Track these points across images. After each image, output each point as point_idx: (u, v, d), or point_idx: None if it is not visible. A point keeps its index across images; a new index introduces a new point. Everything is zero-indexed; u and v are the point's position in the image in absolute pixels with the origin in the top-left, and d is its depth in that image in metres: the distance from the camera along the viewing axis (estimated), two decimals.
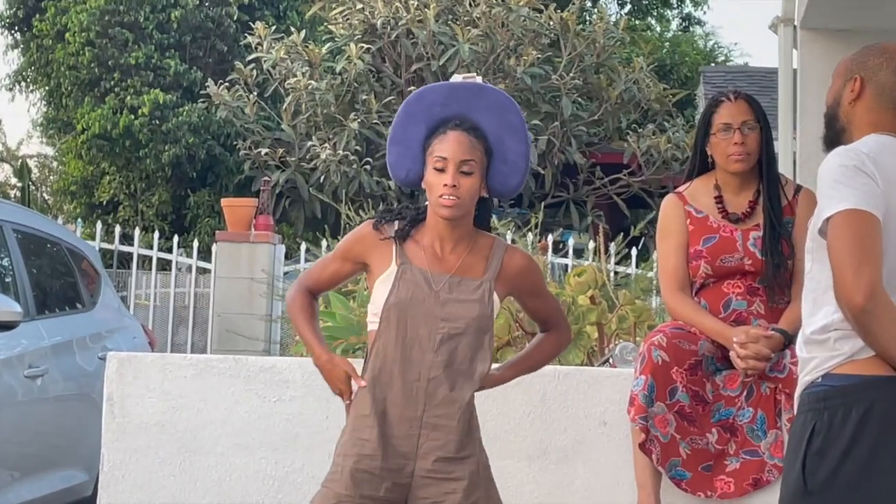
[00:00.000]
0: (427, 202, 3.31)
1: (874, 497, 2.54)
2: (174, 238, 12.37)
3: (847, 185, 2.60)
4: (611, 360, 4.67)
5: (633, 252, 10.98)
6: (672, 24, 27.08)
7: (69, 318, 6.37)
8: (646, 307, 5.47)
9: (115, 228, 12.63)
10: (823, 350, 2.67)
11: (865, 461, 2.54)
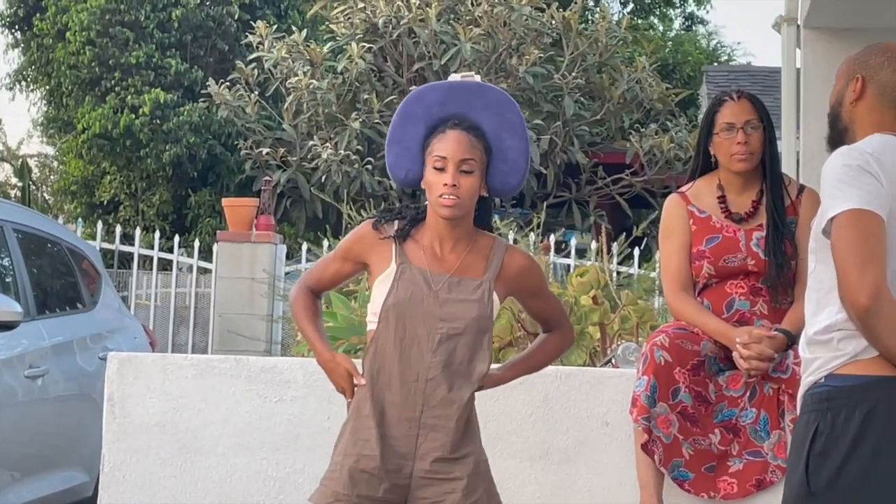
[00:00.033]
0: (427, 202, 3.31)
1: (878, 498, 2.54)
2: (175, 238, 12.37)
3: (851, 185, 2.60)
4: (613, 361, 4.67)
5: (636, 252, 10.98)
6: (675, 24, 27.09)
7: (70, 319, 6.37)
8: (648, 307, 5.46)
9: (116, 228, 12.62)
10: (827, 350, 2.66)
11: (869, 462, 2.54)
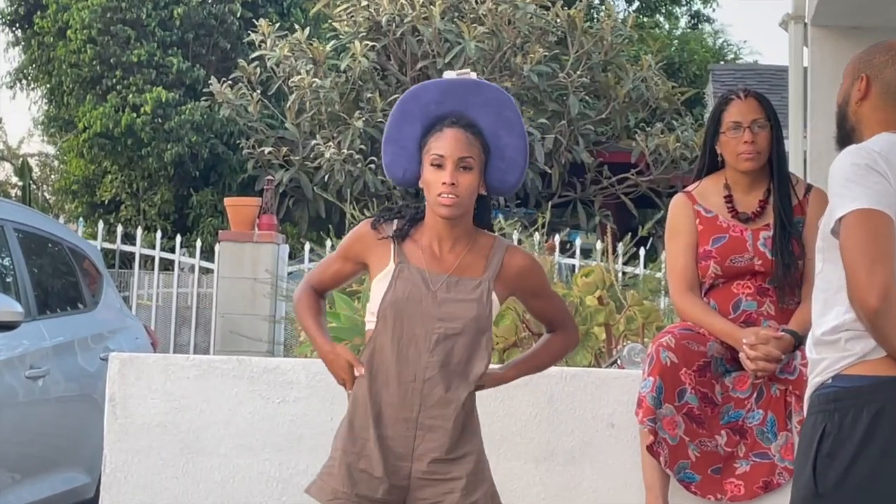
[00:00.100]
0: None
1: (886, 499, 2.54)
2: (177, 238, 12.38)
3: (859, 184, 2.60)
4: (619, 362, 4.67)
5: (642, 252, 10.98)
6: (681, 22, 27.09)
7: (71, 319, 6.38)
8: (654, 308, 5.46)
9: (117, 228, 12.63)
10: (834, 351, 2.66)
11: (877, 463, 2.54)
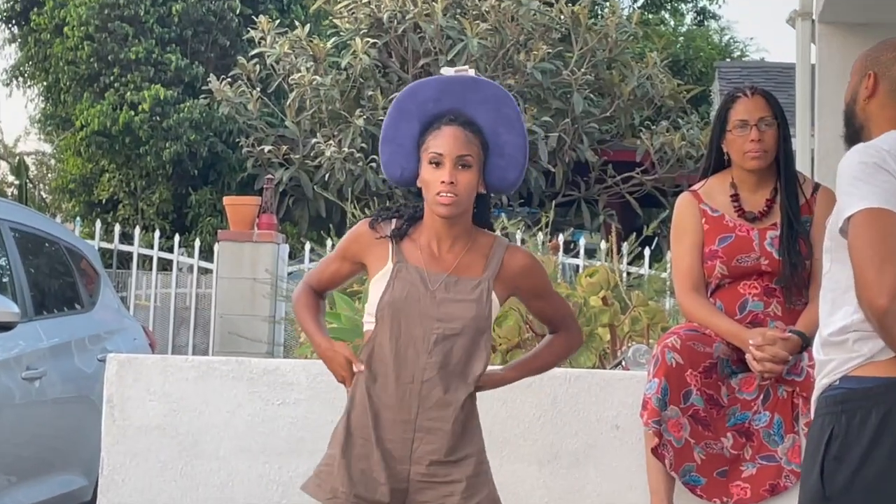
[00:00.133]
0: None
1: (894, 502, 2.54)
2: (175, 237, 12.38)
3: (867, 183, 2.59)
4: (623, 363, 4.67)
5: (646, 252, 10.98)
6: (686, 19, 27.08)
7: (68, 319, 6.38)
8: (659, 309, 5.46)
9: (115, 227, 12.63)
10: (841, 352, 2.66)
11: (885, 465, 2.53)
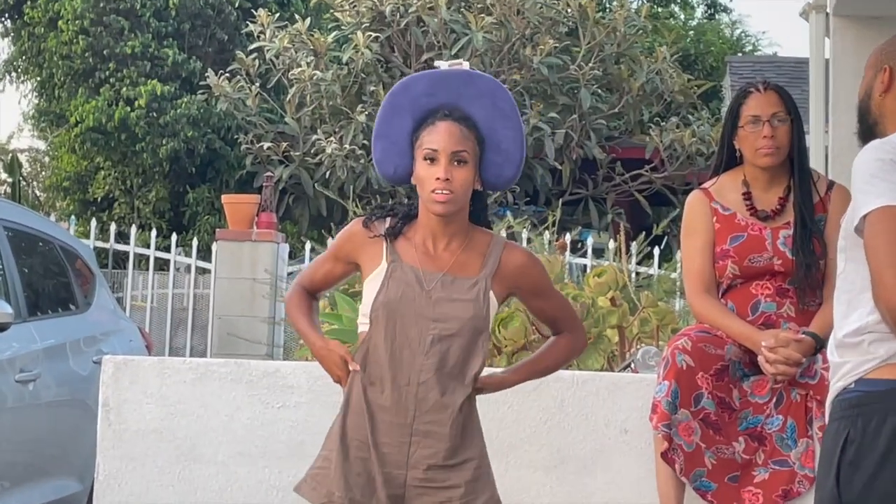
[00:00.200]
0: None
1: None
2: (172, 236, 12.40)
3: (884, 180, 2.59)
4: (632, 365, 4.67)
5: (656, 252, 10.98)
6: (697, 12, 27.06)
7: (62, 320, 6.38)
8: (669, 310, 5.47)
9: (111, 226, 12.66)
10: (857, 354, 2.66)
11: None
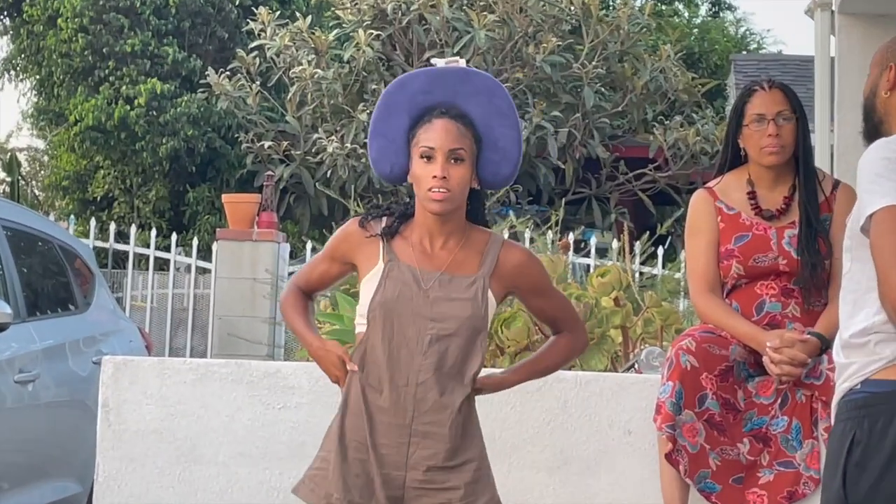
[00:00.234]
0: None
1: None
2: (172, 236, 12.40)
3: (890, 179, 2.59)
4: (636, 366, 4.67)
5: (660, 251, 11.00)
6: (701, 10, 27.06)
7: (62, 321, 6.39)
8: (673, 310, 5.46)
9: (110, 226, 12.66)
10: (863, 355, 2.66)
11: None
